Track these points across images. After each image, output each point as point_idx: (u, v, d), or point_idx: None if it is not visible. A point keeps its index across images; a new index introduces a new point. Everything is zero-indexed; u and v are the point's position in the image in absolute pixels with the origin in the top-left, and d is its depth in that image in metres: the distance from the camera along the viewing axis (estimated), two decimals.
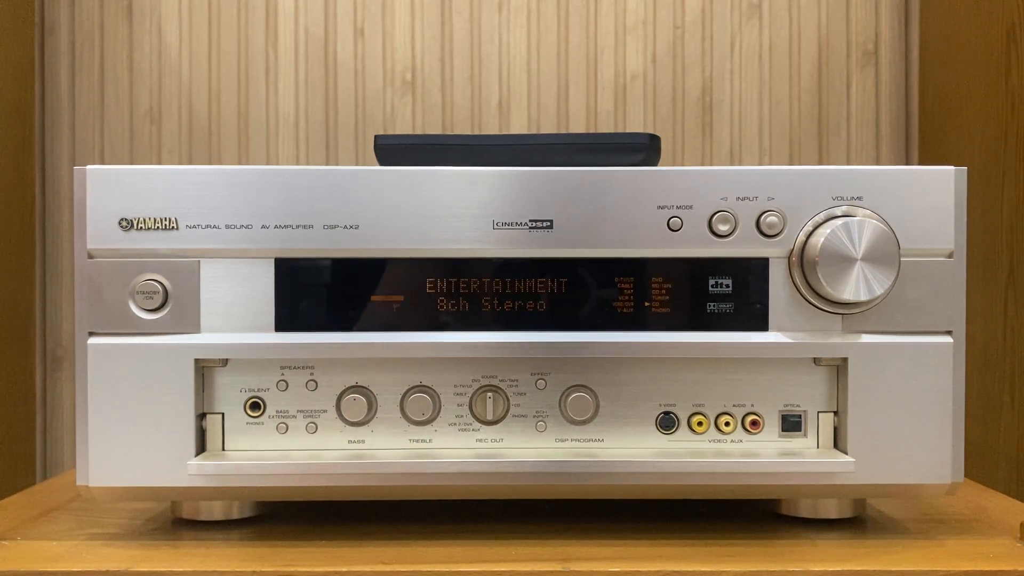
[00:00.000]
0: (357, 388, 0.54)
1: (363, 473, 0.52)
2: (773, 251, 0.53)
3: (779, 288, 0.53)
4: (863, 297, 0.51)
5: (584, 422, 0.54)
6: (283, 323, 0.53)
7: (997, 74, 0.77)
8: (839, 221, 0.51)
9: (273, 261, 0.53)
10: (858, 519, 0.57)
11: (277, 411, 0.54)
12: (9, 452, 0.87)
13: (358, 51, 0.95)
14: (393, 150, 0.58)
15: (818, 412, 0.54)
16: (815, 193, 0.52)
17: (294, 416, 0.54)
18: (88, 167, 0.52)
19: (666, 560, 0.49)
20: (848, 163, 0.95)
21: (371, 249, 0.52)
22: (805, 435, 0.54)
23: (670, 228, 0.53)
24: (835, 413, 0.54)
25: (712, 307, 0.53)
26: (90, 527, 0.57)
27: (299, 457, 0.53)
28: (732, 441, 0.54)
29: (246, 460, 0.52)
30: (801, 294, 0.53)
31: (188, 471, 0.52)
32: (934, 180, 0.53)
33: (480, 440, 0.54)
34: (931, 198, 0.52)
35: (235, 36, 0.95)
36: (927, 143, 0.92)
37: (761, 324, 0.53)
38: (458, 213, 0.52)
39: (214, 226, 0.52)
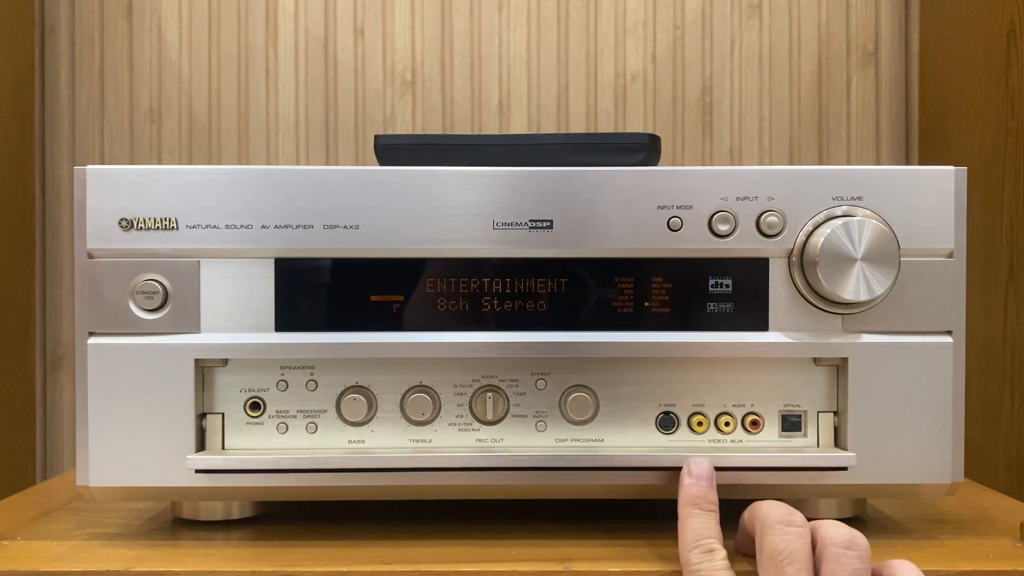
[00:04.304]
0: (357, 388, 0.54)
1: (363, 473, 0.52)
2: (773, 251, 0.53)
3: (779, 288, 0.53)
4: (863, 297, 0.51)
5: (584, 422, 0.54)
6: (283, 323, 0.53)
7: (997, 74, 0.77)
8: (839, 221, 0.51)
9: (273, 261, 0.53)
10: (858, 519, 0.57)
11: (277, 411, 0.54)
12: (9, 452, 0.87)
13: (358, 51, 0.95)
14: (393, 150, 0.58)
15: (818, 412, 0.54)
16: (815, 193, 0.52)
17: (294, 416, 0.54)
18: (88, 167, 0.52)
19: (666, 560, 0.49)
20: (848, 163, 0.95)
21: (371, 249, 0.52)
22: (805, 435, 0.54)
23: (670, 228, 0.53)
24: (835, 413, 0.54)
25: (712, 307, 0.53)
26: (90, 527, 0.57)
27: (299, 456, 0.53)
28: (732, 441, 0.54)
29: (246, 460, 0.52)
30: (801, 294, 0.53)
31: (188, 471, 0.52)
32: (934, 180, 0.53)
33: (480, 440, 0.54)
34: (931, 198, 0.53)
35: (235, 36, 0.95)
36: (927, 143, 0.92)
37: (761, 324, 0.53)
38: (458, 213, 0.52)
39: (214, 226, 0.52)
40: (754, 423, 0.54)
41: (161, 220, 0.52)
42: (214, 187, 0.52)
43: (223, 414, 0.54)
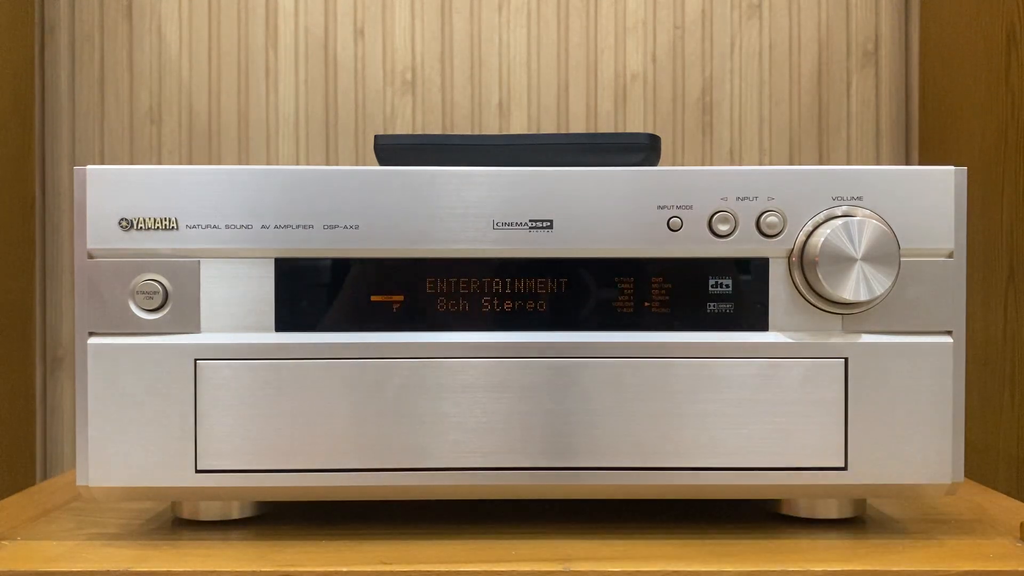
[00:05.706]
0: None
1: (364, 473, 0.52)
2: (773, 251, 0.53)
3: (779, 288, 0.53)
4: (863, 297, 0.51)
5: None
6: (283, 323, 0.53)
7: (997, 74, 0.77)
8: (839, 221, 0.51)
9: (273, 261, 0.53)
10: (858, 519, 0.57)
11: None
12: (9, 452, 0.87)
13: (358, 51, 0.95)
14: (393, 150, 0.58)
15: None
16: (815, 193, 0.52)
17: None
18: (88, 167, 0.52)
19: (666, 560, 0.49)
20: (848, 163, 0.95)
21: (371, 249, 0.52)
22: None
23: (670, 228, 0.53)
24: None
25: (712, 307, 0.53)
26: (90, 527, 0.57)
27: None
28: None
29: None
30: (801, 294, 0.53)
31: (188, 471, 0.52)
32: (934, 180, 0.53)
33: None
34: (931, 198, 0.53)
35: (235, 36, 0.95)
36: (927, 143, 0.92)
37: (761, 324, 0.53)
38: (458, 213, 0.52)
39: (214, 226, 0.52)
40: None
41: (161, 220, 0.52)
42: (214, 187, 0.52)
43: None
